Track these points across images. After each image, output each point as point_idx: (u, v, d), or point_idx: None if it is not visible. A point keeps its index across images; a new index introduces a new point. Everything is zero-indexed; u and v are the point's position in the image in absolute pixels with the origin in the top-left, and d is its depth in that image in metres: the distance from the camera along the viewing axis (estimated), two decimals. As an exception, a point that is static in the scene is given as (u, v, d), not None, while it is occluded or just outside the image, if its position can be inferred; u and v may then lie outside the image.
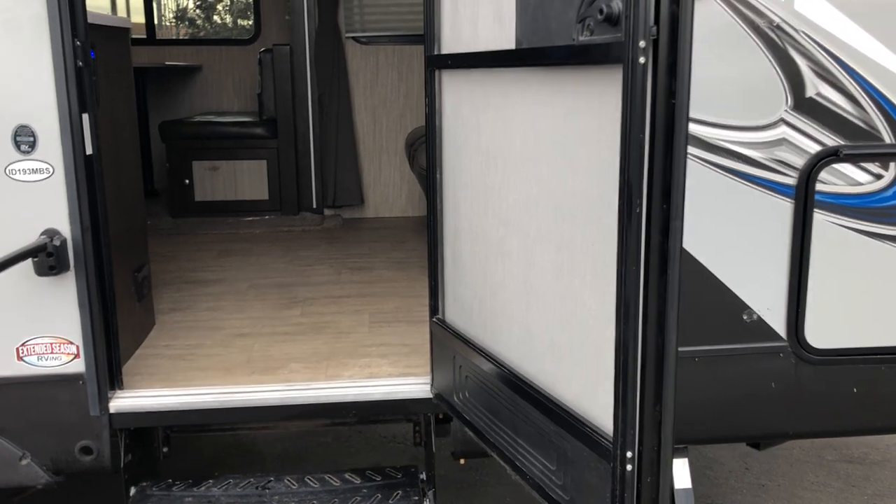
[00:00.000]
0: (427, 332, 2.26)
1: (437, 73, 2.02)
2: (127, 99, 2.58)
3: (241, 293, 3.23)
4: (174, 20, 8.92)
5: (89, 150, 2.08)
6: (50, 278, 2.04)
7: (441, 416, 2.26)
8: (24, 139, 2.01)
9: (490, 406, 1.81)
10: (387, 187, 4.99)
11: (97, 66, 2.18)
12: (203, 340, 2.67)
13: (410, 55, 4.84)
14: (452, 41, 1.92)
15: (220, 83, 5.85)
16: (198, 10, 8.95)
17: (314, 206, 4.89)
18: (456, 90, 1.93)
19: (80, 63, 2.01)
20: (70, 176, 2.03)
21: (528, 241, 1.62)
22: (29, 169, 2.02)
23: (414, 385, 2.22)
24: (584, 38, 1.31)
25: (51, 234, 2.04)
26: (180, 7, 8.77)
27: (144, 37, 5.77)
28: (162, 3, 8.23)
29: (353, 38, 4.80)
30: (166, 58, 5.77)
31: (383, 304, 3.06)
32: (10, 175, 2.02)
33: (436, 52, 2.01)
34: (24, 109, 2.00)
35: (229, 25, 8.82)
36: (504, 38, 1.60)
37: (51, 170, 2.03)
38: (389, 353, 2.53)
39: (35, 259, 1.99)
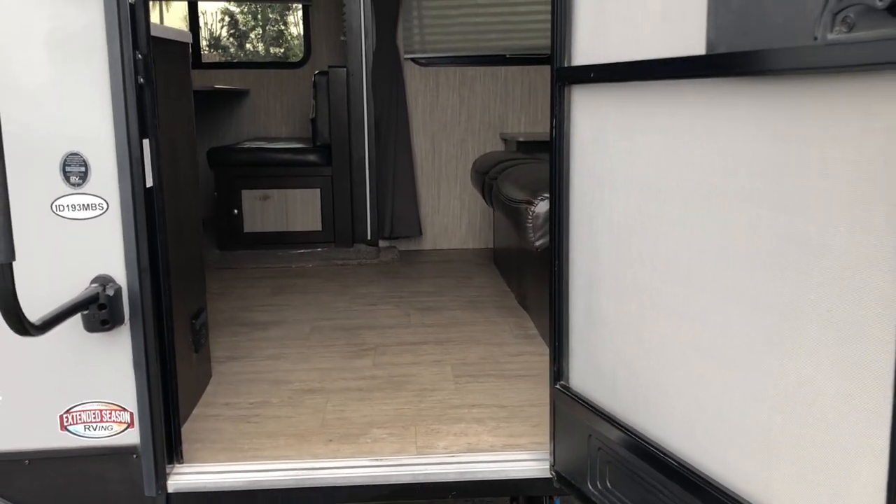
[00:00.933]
0: (523, 392, 1.92)
1: (567, 89, 1.69)
2: (187, 122, 2.28)
3: (303, 338, 2.90)
4: (217, 43, 8.75)
5: (150, 182, 1.77)
6: (101, 335, 1.72)
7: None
8: (75, 169, 1.70)
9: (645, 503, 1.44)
10: (446, 217, 4.67)
11: (157, 84, 1.88)
12: (268, 397, 2.34)
13: (473, 77, 4.53)
14: (593, 49, 1.59)
15: (269, 108, 5.59)
16: (239, 36, 8.77)
17: (369, 237, 4.57)
18: (596, 109, 1.59)
19: (142, 80, 1.71)
20: (127, 212, 1.72)
21: (713, 298, 1.26)
22: (80, 205, 1.71)
23: (526, 462, 1.86)
24: (835, 35, 0.96)
25: (104, 281, 1.72)
26: (228, 28, 8.60)
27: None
28: (207, 25, 8.05)
29: (412, 59, 4.51)
30: (212, 82, 5.52)
31: (465, 353, 2.71)
32: (58, 212, 1.71)
33: (567, 64, 1.68)
34: (74, 134, 1.70)
35: (268, 51, 8.64)
36: (681, 41, 1.26)
37: (105, 205, 1.72)
38: (485, 416, 2.18)
39: (85, 312, 1.68)
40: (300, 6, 5.62)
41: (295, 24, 7.80)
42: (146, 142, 1.75)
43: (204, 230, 4.94)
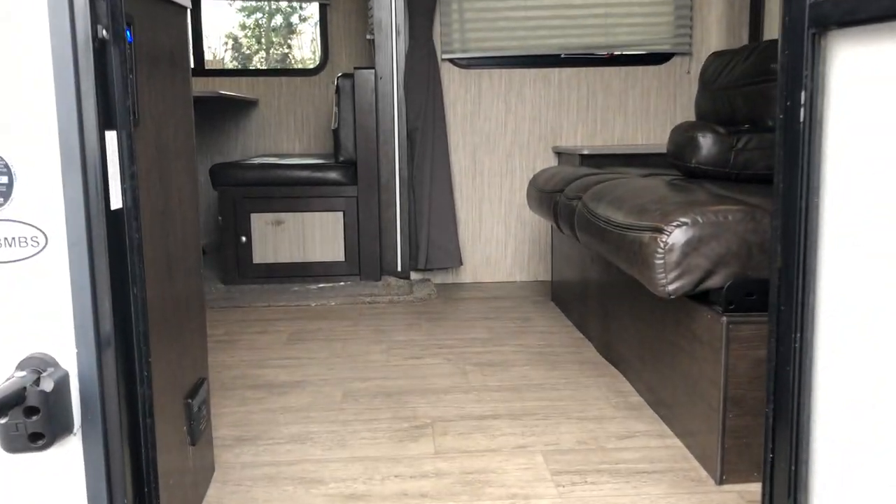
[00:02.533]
0: (658, 501, 1.22)
1: (823, 39, 1.01)
2: (182, 113, 1.61)
3: (334, 408, 2.21)
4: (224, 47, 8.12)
5: (116, 201, 1.09)
6: (32, 456, 1.04)
7: None
8: (-7, 181, 1.03)
9: None
10: (489, 245, 3.98)
11: (135, 57, 1.21)
12: (294, 510, 1.64)
13: (521, 81, 3.87)
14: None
15: (280, 120, 4.93)
16: (243, 59, 8.14)
17: (399, 268, 3.89)
18: (880, 69, 0.91)
19: (105, 33, 1.04)
20: (78, 249, 1.04)
21: None
22: (-2, 238, 1.03)
23: None
24: None
25: (37, 365, 1.04)
26: (232, 52, 7.96)
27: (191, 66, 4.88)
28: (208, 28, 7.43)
29: (451, 60, 3.85)
30: (216, 90, 4.87)
31: (555, 433, 2.01)
32: (-38, 250, 1.03)
33: (833, -3, 1.00)
34: (-8, 123, 1.02)
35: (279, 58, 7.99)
36: None
37: (41, 239, 1.04)
38: (619, 547, 1.48)
39: (3, 422, 0.99)
40: (316, 5, 4.98)
41: (299, 46, 7.20)
42: (111, 135, 1.08)
43: (204, 260, 4.26)
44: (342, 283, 3.77)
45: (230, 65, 5.67)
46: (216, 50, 7.73)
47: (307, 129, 4.96)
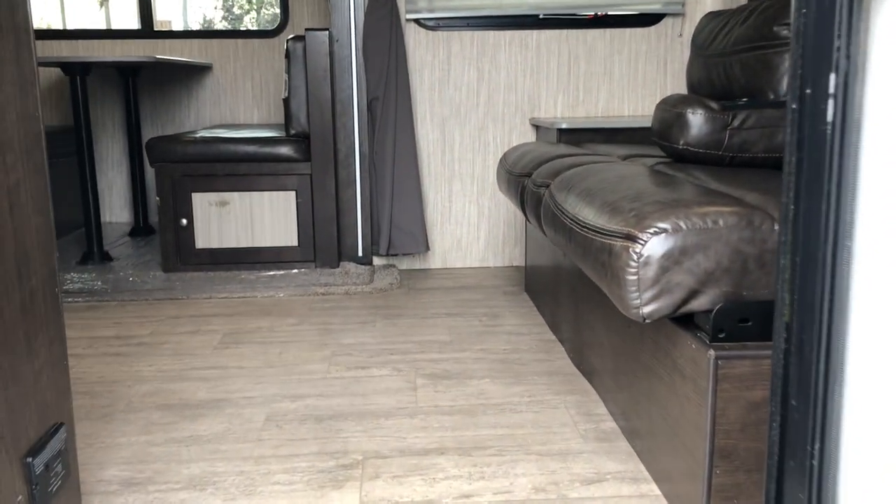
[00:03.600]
0: None
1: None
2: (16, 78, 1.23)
3: (251, 438, 1.86)
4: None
5: None
6: None
7: None
8: None
9: None
10: (459, 227, 3.62)
11: None
12: None
13: (495, 45, 3.47)
14: None
15: (236, 87, 4.53)
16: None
17: (360, 253, 3.52)
18: None
19: None
20: None
21: None
22: None
23: None
24: None
25: None
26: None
27: (137, 27, 4.47)
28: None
29: (416, 20, 3.44)
30: (165, 55, 4.46)
31: (508, 474, 1.67)
32: None
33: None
34: None
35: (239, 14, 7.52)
36: None
37: None
38: None
39: None
40: (275, -39, 4.54)
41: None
42: None
43: (150, 240, 3.87)
44: (295, 271, 3.41)
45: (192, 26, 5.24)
46: (171, 9, 7.23)
47: (266, 97, 4.55)
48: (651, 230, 1.37)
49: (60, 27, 6.29)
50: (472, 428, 1.89)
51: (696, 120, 2.05)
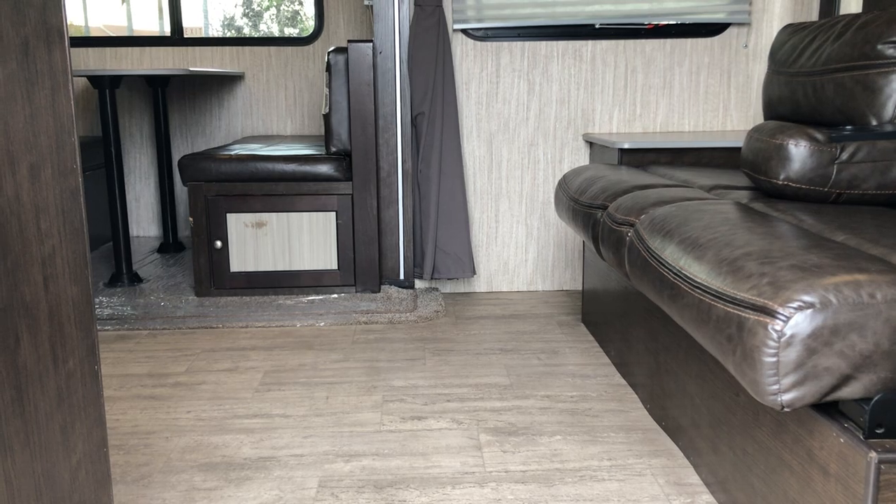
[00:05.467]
0: None
1: None
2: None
3: (305, 508, 1.67)
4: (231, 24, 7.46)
5: None
6: None
7: None
8: None
9: None
10: (506, 249, 3.41)
11: None
12: None
13: (548, 56, 3.26)
14: None
15: (269, 97, 4.34)
16: (253, 16, 7.45)
17: (402, 276, 3.33)
18: None
19: None
20: None
21: None
22: None
23: None
24: None
25: None
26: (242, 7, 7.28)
27: (168, 34, 4.29)
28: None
29: (464, 31, 3.24)
30: (196, 63, 4.28)
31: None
32: None
33: None
34: None
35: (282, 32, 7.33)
36: None
37: None
38: None
39: None
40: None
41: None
42: None
43: (182, 258, 3.69)
44: (335, 296, 3.22)
45: (217, 33, 5.06)
46: (195, 11, 7.07)
47: (299, 107, 4.36)
48: (794, 304, 1.15)
49: (82, 24, 6.14)
50: (550, 501, 1.69)
51: (800, 153, 1.84)
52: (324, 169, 3.16)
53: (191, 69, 3.21)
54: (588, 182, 2.41)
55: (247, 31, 7.18)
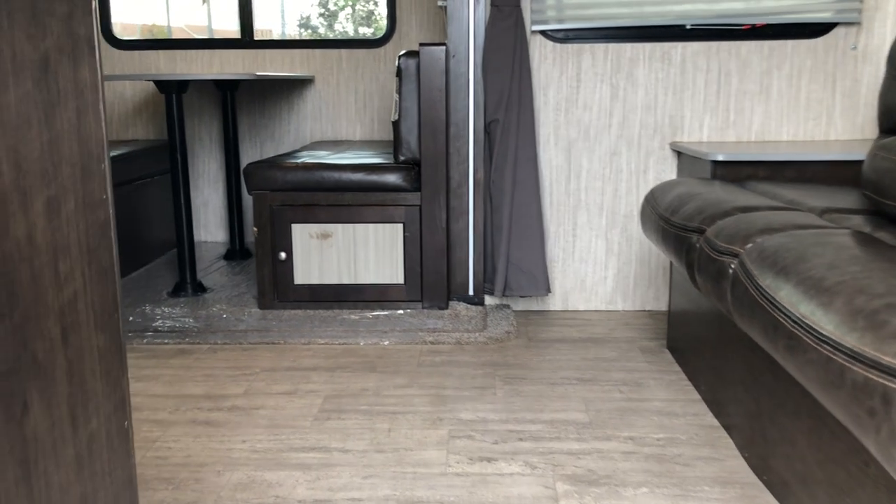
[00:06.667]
0: None
1: None
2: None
3: (362, 566, 1.50)
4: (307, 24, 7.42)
5: None
6: None
7: None
8: None
9: None
10: (584, 264, 3.20)
11: None
12: None
13: (633, 59, 3.03)
14: None
15: (339, 101, 4.23)
16: (329, 16, 7.38)
17: (471, 292, 3.15)
18: None
19: None
20: None
21: None
22: None
23: None
24: None
25: None
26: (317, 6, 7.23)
27: (237, 37, 4.22)
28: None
29: (543, 32, 3.04)
30: (266, 66, 4.20)
31: None
32: None
33: None
34: None
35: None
36: None
37: None
38: None
39: None
40: (383, -36, 4.21)
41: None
42: None
43: (247, 265, 3.58)
44: (400, 312, 3.06)
45: (291, 34, 4.98)
46: (271, 12, 7.03)
47: (369, 111, 4.23)
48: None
49: (165, 25, 6.17)
50: (638, 570, 1.48)
51: (939, 175, 1.58)
52: (391, 179, 3.01)
53: (258, 74, 3.10)
54: (680, 200, 2.18)
55: (322, 31, 7.13)
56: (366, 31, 4.95)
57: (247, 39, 4.18)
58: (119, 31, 4.32)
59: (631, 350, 2.72)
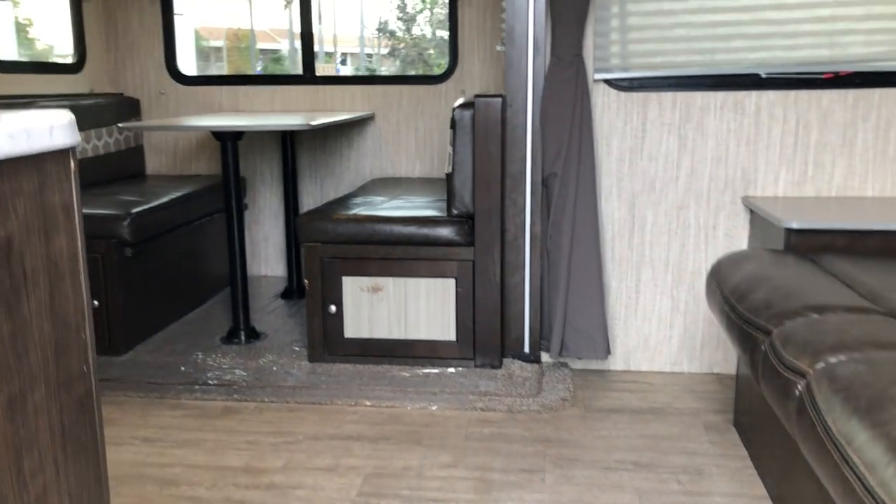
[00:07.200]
0: None
1: None
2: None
3: None
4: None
5: None
6: None
7: None
8: None
9: None
10: (647, 323, 3.02)
11: None
12: None
13: (703, 108, 2.84)
14: None
15: (399, 139, 4.15)
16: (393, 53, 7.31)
17: (526, 349, 3.02)
18: None
19: None
20: None
21: None
22: None
23: None
24: None
25: None
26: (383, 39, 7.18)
27: (300, 73, 4.19)
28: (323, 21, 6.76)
29: (607, 81, 2.88)
30: (326, 102, 4.16)
31: None
32: None
33: None
34: None
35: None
36: None
37: None
38: None
39: None
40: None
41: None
42: None
43: (299, 307, 3.53)
44: (451, 371, 2.96)
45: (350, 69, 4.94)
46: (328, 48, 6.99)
47: (429, 149, 4.15)
48: None
49: (248, 27, 6.24)
50: None
51: None
52: (444, 233, 2.90)
53: (312, 124, 3.05)
54: (748, 283, 2.00)
55: (400, 35, 7.04)
56: (443, 34, 4.85)
57: (308, 76, 4.15)
58: (205, 35, 4.35)
59: (694, 426, 2.54)
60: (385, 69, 6.95)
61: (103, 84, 4.17)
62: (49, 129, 0.83)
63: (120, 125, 3.14)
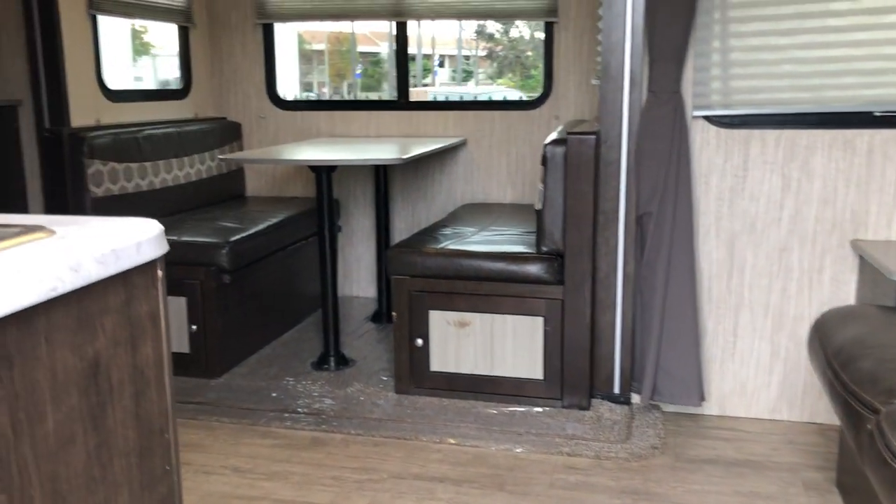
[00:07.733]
0: None
1: None
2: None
3: None
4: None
5: None
6: None
7: None
8: None
9: None
10: (745, 368, 2.90)
11: None
12: None
13: (809, 147, 2.70)
14: None
15: (491, 164, 4.14)
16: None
17: (616, 390, 2.95)
18: None
19: None
20: None
21: None
22: None
23: None
24: None
25: None
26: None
27: (395, 99, 4.24)
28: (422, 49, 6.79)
29: (706, 118, 2.78)
30: (420, 127, 4.19)
31: None
32: None
33: None
34: None
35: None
36: None
37: None
38: None
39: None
40: (541, 23, 4.07)
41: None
42: None
43: (388, 331, 3.56)
44: (538, 410, 2.91)
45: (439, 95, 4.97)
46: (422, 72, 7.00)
47: (521, 174, 4.11)
48: None
49: (349, 32, 6.35)
50: None
51: None
52: (533, 270, 2.87)
53: (404, 157, 3.07)
54: (854, 346, 1.88)
55: (498, 37, 7.01)
56: (540, 35, 4.80)
57: (402, 101, 4.19)
58: (307, 39, 4.46)
59: (793, 484, 2.42)
60: (482, 71, 6.93)
61: (207, 109, 4.33)
62: (136, 246, 0.85)
63: (220, 156, 3.25)
